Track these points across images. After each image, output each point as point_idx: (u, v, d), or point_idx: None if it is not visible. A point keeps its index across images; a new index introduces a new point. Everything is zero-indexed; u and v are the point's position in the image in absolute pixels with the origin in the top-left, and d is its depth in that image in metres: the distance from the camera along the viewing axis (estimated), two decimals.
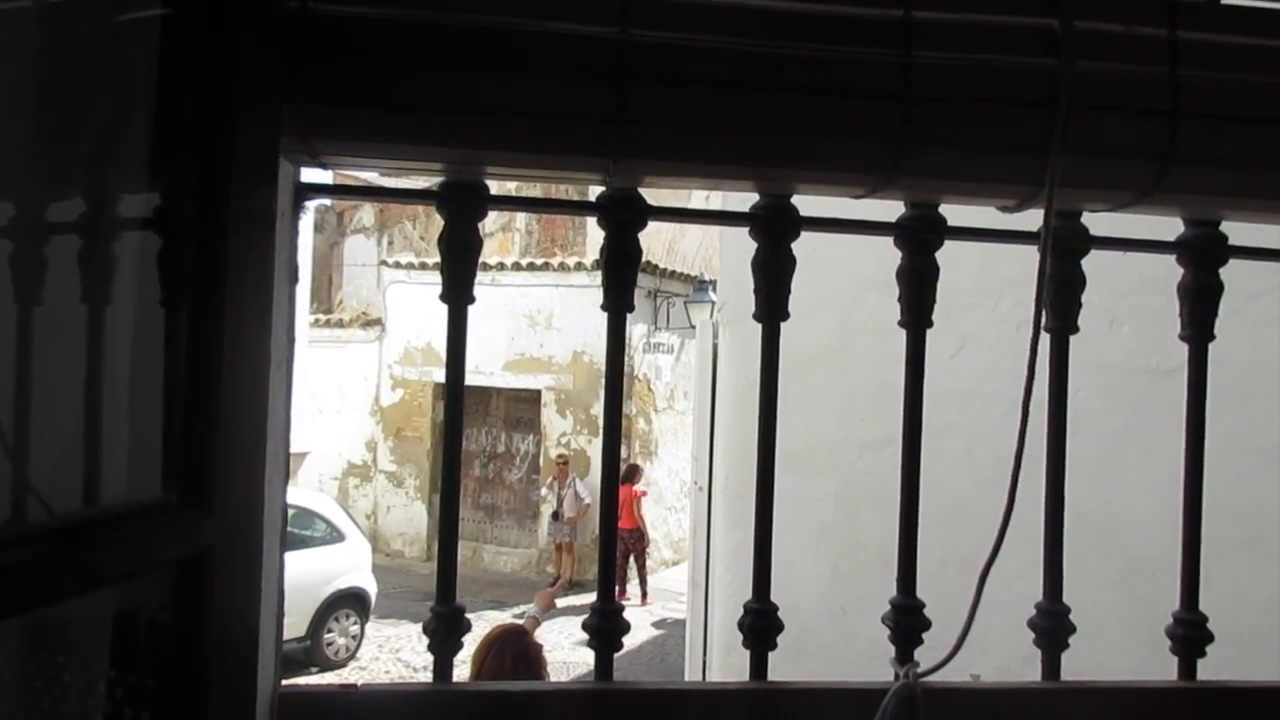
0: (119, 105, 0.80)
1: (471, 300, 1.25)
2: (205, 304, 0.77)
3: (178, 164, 0.80)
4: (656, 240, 16.33)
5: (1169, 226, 1.35)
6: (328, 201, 19.36)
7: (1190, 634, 1.34)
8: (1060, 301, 1.32)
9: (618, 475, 1.33)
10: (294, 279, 1.18)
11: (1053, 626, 1.32)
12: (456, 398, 1.26)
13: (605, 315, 1.27)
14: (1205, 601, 1.36)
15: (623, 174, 1.10)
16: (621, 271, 1.25)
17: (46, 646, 0.72)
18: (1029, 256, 1.32)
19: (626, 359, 12.65)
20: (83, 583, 0.62)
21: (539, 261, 14.88)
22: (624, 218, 1.23)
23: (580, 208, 1.28)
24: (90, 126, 0.78)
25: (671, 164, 1.07)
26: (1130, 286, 3.73)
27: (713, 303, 9.94)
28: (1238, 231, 1.33)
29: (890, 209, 1.28)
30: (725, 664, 4.74)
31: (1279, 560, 3.55)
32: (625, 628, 1.26)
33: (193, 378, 0.74)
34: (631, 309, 1.27)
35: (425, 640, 1.24)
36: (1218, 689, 1.32)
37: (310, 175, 1.21)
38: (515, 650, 3.35)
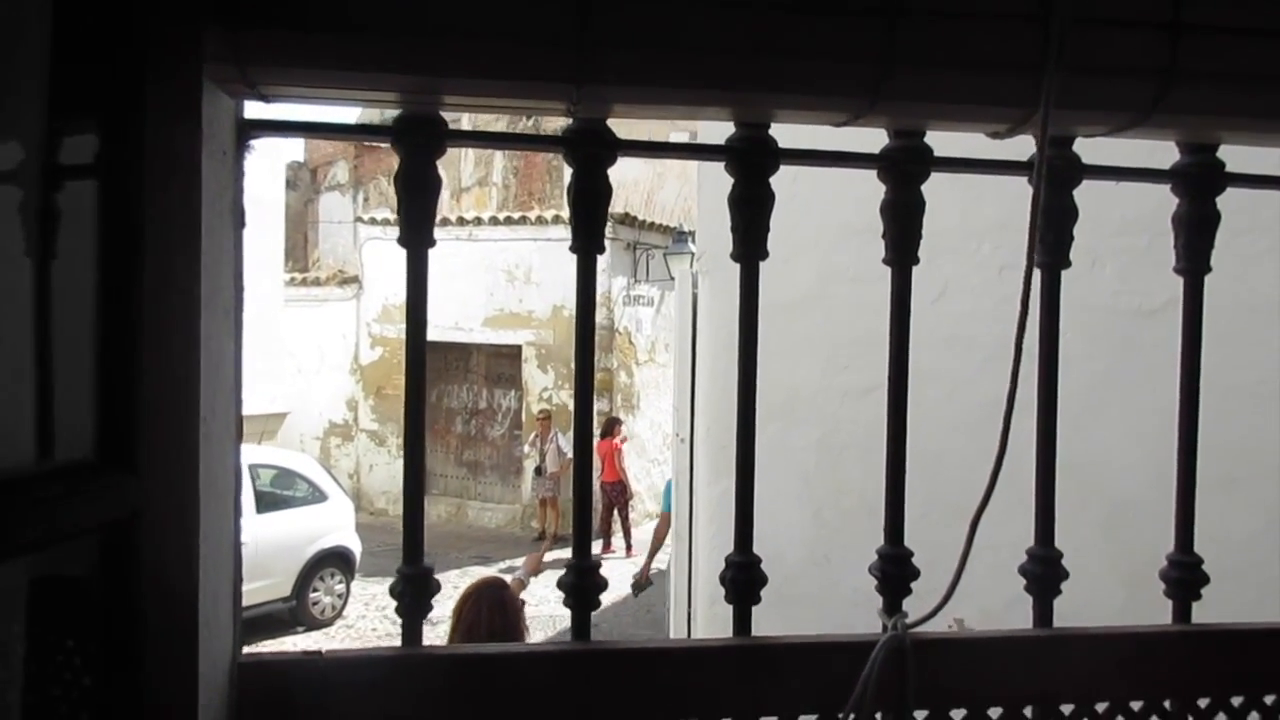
0: (12, 35, 0.72)
1: (432, 243, 1.17)
2: (120, 253, 0.69)
3: (83, 100, 0.72)
4: (635, 192, 16.16)
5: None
6: (301, 161, 19.04)
7: (1185, 576, 1.31)
8: (1052, 235, 1.26)
9: (591, 425, 1.26)
10: (240, 223, 1.11)
11: (1044, 572, 1.28)
12: (418, 347, 1.19)
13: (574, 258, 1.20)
14: None
15: (588, 102, 1.02)
16: (590, 210, 1.18)
17: None
18: (1012, 199, 1.25)
19: (607, 313, 12.49)
20: None
21: (516, 215, 14.71)
22: (591, 152, 1.15)
23: (544, 142, 1.21)
24: None
25: (640, 90, 0.99)
26: (1113, 227, 3.68)
27: (692, 254, 9.84)
28: (1232, 161, 1.27)
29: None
30: (710, 615, 4.74)
31: (1258, 500, 3.55)
32: (603, 585, 1.21)
33: (108, 331, 0.67)
34: (602, 250, 1.21)
35: None
36: (1214, 632, 1.28)
37: (261, 111, 1.12)
38: (491, 601, 3.38)
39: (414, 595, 1.16)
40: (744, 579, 1.23)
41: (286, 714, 1.08)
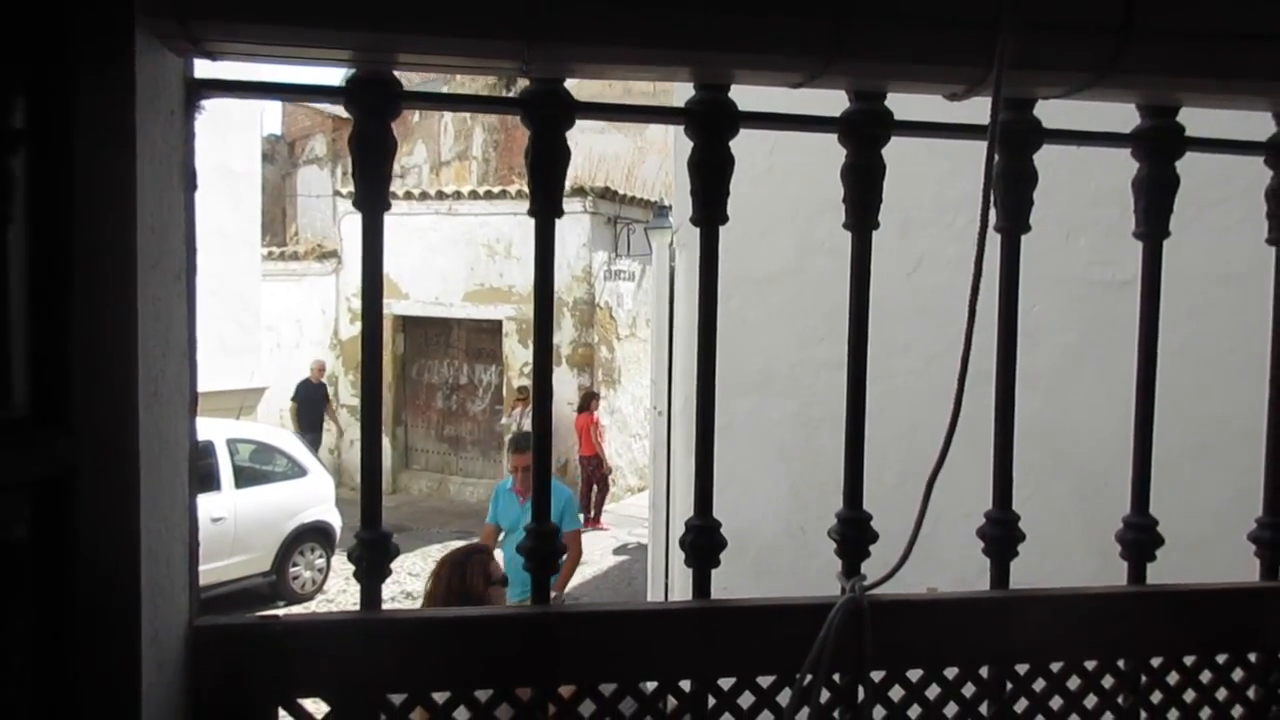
0: None
1: (387, 206, 1.16)
2: (51, 214, 0.68)
3: (8, 56, 0.70)
4: (616, 166, 16.10)
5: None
6: (278, 135, 18.82)
7: (1140, 538, 1.32)
8: (1011, 199, 1.25)
9: (550, 390, 1.26)
10: (191, 185, 1.09)
11: (1002, 535, 1.28)
12: (375, 312, 1.18)
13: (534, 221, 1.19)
14: (1156, 510, 1.34)
15: (541, 60, 1.01)
16: (548, 173, 1.17)
17: None
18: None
19: (588, 287, 12.41)
20: None
21: (497, 189, 14.63)
22: (548, 114, 1.14)
23: (501, 104, 1.19)
24: None
25: (591, 48, 0.98)
26: (1087, 199, 3.69)
27: (672, 228, 9.81)
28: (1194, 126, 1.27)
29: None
30: (686, 586, 4.76)
31: (1230, 469, 3.58)
32: (560, 550, 1.21)
33: (41, 291, 0.66)
34: (560, 213, 1.20)
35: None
36: (1168, 593, 1.30)
37: (212, 70, 1.11)
38: (470, 562, 3.41)
39: (372, 560, 1.16)
40: (704, 543, 1.24)
41: (244, 677, 1.08)
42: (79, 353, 0.68)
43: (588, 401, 12.98)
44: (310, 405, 14.06)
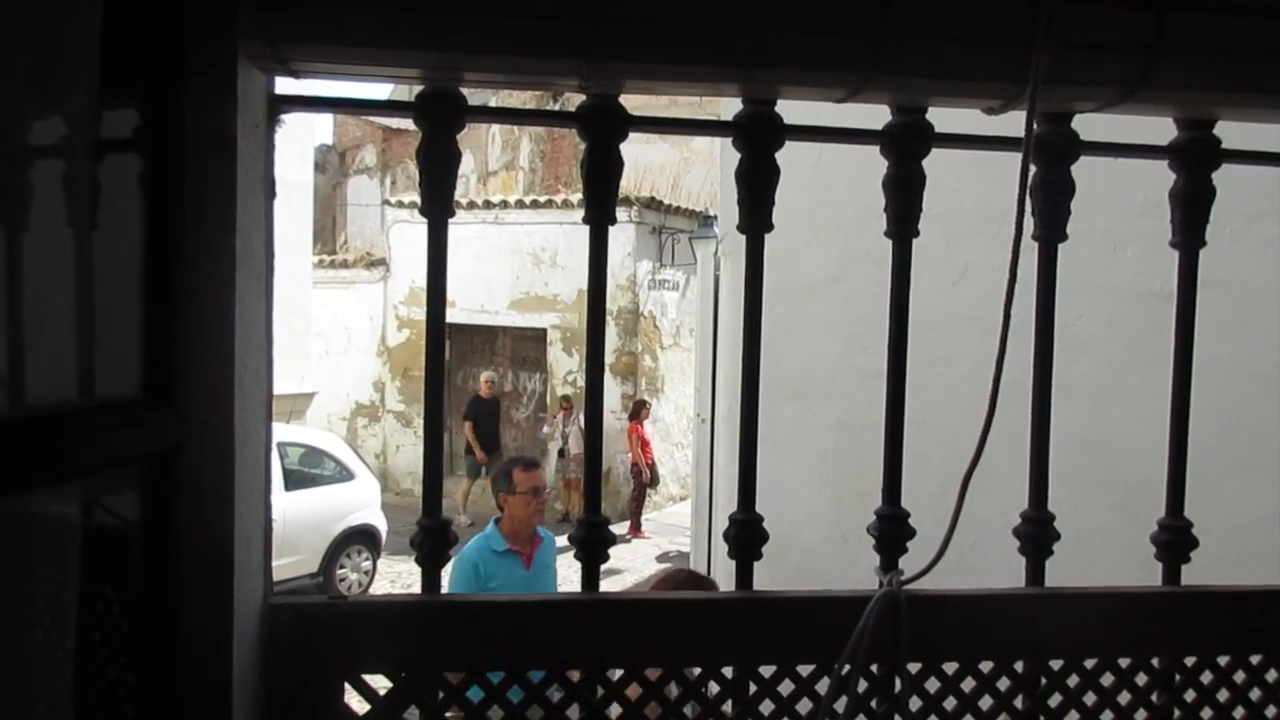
0: (66, 15, 0.78)
1: (451, 213, 1.24)
2: (163, 218, 0.76)
3: (129, 77, 0.78)
4: (661, 176, 16.18)
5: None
6: (330, 145, 19.14)
7: (1175, 539, 1.35)
8: (1049, 209, 1.30)
9: (602, 393, 1.32)
10: (270, 193, 1.17)
11: (1037, 533, 1.32)
12: (439, 312, 1.26)
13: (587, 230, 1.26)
14: (1204, 522, 1.36)
15: (598, 77, 1.08)
16: (603, 183, 1.23)
17: (13, 550, 0.72)
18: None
19: (632, 297, 12.41)
20: (45, 472, 0.62)
21: (543, 199, 14.78)
22: (603, 127, 1.21)
23: (559, 118, 1.26)
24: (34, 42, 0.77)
25: (645, 66, 1.05)
26: (1134, 209, 3.68)
27: (717, 238, 9.82)
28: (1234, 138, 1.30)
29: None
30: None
31: (1277, 482, 3.54)
32: (610, 539, 1.27)
33: (153, 285, 0.74)
34: (613, 221, 1.26)
35: None
36: (1201, 593, 1.33)
37: (291, 86, 1.19)
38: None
39: (432, 545, 1.23)
40: (746, 536, 1.29)
41: (312, 653, 1.16)
42: (184, 341, 0.76)
43: (638, 410, 13.08)
44: (488, 422, 13.45)
